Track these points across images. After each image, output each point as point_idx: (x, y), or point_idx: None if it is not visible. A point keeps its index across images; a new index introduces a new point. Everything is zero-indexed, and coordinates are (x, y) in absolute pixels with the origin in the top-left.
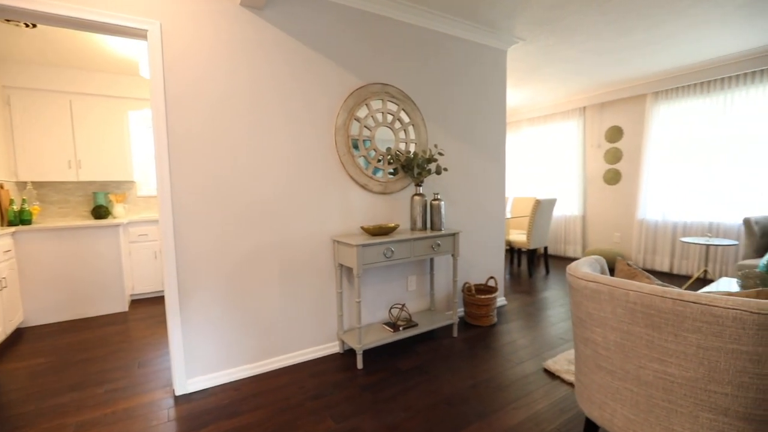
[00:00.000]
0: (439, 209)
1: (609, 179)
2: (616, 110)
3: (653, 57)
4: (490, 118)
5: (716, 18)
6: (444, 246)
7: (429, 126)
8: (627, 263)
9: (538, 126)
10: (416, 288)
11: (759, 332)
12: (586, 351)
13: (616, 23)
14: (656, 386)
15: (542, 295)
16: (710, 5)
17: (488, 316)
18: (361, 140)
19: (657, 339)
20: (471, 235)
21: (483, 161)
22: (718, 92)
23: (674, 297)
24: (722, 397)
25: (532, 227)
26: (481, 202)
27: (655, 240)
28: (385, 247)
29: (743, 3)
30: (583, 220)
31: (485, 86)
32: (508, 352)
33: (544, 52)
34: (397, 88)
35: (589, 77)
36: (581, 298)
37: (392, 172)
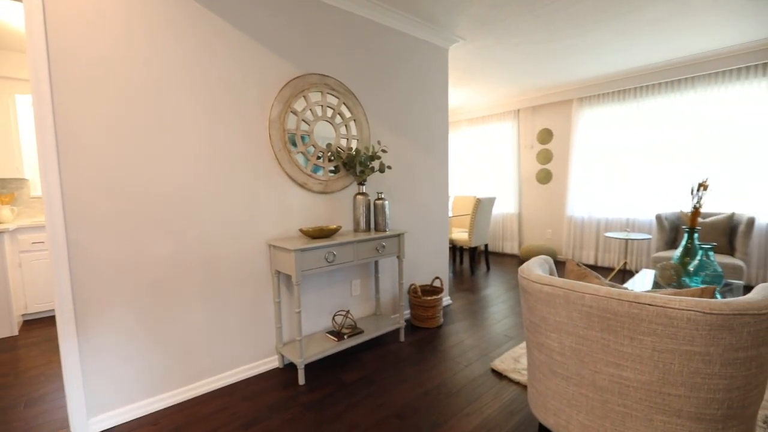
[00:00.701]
0: (383, 209)
1: (541, 179)
2: (547, 114)
3: (580, 64)
4: (433, 116)
5: (629, 31)
6: (389, 248)
7: (372, 122)
8: (577, 263)
9: (477, 126)
10: (361, 292)
11: (711, 332)
12: (540, 357)
13: (549, 29)
14: (612, 391)
15: (485, 293)
16: (625, 20)
17: (435, 317)
18: (298, 135)
19: (613, 343)
20: (416, 236)
21: (426, 160)
22: (631, 100)
23: (630, 299)
24: (676, 399)
25: (474, 225)
26: (425, 202)
27: (582, 235)
28: (327, 251)
29: (652, 19)
30: (519, 218)
31: (428, 84)
32: (456, 354)
33: (483, 53)
34: (337, 80)
35: (523, 81)
36: (535, 302)
37: (333, 170)
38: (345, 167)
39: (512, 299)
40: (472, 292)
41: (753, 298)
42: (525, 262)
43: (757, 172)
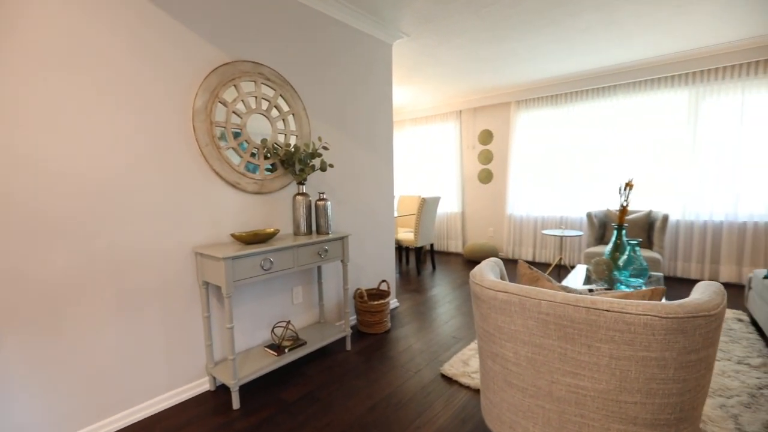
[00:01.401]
0: (326, 210)
1: (483, 178)
2: (487, 115)
3: (519, 68)
4: (378, 113)
5: (563, 39)
6: (332, 252)
7: (312, 117)
8: (529, 266)
9: (421, 126)
10: (303, 300)
11: (666, 336)
12: (495, 367)
13: (492, 31)
14: (569, 401)
15: (432, 293)
16: (560, 27)
17: (382, 322)
18: (229, 129)
19: (570, 351)
20: (361, 238)
21: (371, 158)
22: (563, 104)
23: (587, 305)
24: (632, 407)
25: (419, 225)
26: (369, 202)
27: (521, 233)
28: (263, 258)
29: (583, 29)
30: (462, 217)
31: (372, 80)
32: (405, 360)
33: (428, 52)
34: (273, 70)
35: (465, 82)
36: (489, 310)
37: (270, 169)
38: (283, 165)
39: (459, 298)
40: (419, 293)
41: (703, 300)
42: (476, 266)
43: (669, 174)
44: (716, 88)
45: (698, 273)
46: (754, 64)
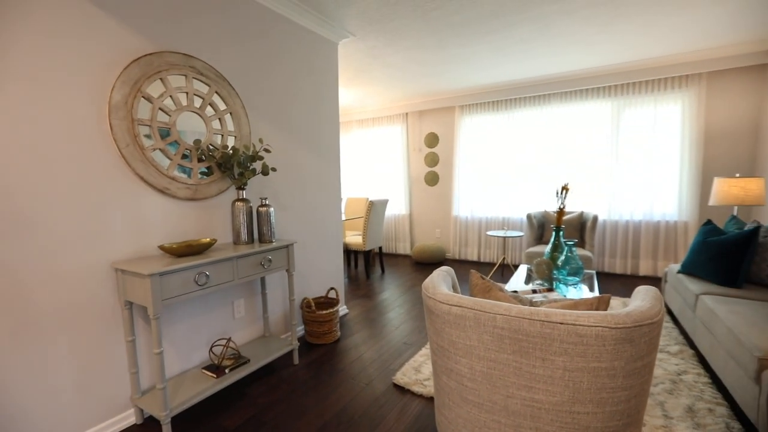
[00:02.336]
0: (269, 217)
1: (429, 181)
2: (433, 118)
3: (463, 74)
4: (324, 114)
5: (503, 47)
6: (276, 261)
7: (252, 117)
8: (480, 276)
9: (368, 128)
10: (245, 314)
11: (616, 346)
12: (450, 383)
13: (437, 36)
14: (524, 415)
15: (382, 297)
16: (499, 36)
17: (332, 331)
18: (155, 128)
19: (525, 365)
20: (307, 244)
21: (317, 161)
22: (503, 110)
23: (542, 319)
24: (584, 417)
25: (367, 228)
26: (316, 207)
27: (467, 234)
28: (197, 272)
29: (520, 39)
30: (410, 219)
31: (318, 80)
32: (356, 371)
33: (374, 53)
34: (207, 64)
35: (411, 85)
36: (443, 324)
37: (205, 172)
38: (220, 169)
39: (409, 302)
40: (369, 298)
41: (646, 307)
42: (428, 277)
43: (597, 178)
44: (634, 100)
45: (622, 268)
46: (665, 80)
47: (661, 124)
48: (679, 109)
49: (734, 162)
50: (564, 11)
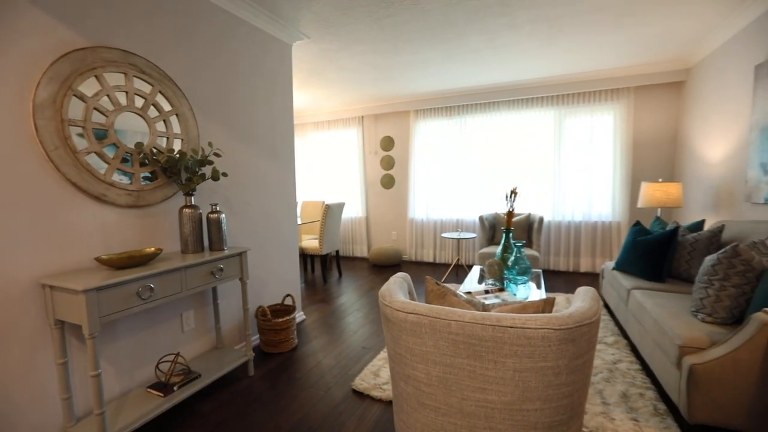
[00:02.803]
0: (220, 224)
1: (385, 183)
2: (388, 122)
3: (417, 79)
4: (278, 117)
5: (455, 55)
6: (229, 269)
7: (201, 119)
8: (435, 282)
9: (323, 131)
10: (195, 326)
11: (560, 346)
12: (407, 389)
13: (392, 42)
14: (478, 415)
15: (339, 301)
16: (452, 45)
17: (288, 339)
18: (89, 129)
19: (479, 368)
20: (262, 251)
21: (271, 165)
22: (456, 116)
23: (493, 323)
24: (533, 413)
25: (324, 232)
26: (270, 211)
27: (423, 236)
28: (141, 285)
29: (471, 48)
30: (366, 221)
31: (271, 81)
32: (314, 379)
33: (329, 56)
34: (150, 62)
35: (366, 89)
36: (400, 332)
37: (149, 177)
38: (165, 173)
39: (367, 306)
40: (327, 303)
41: (585, 308)
42: (385, 285)
43: (542, 181)
44: (574, 110)
45: (566, 265)
46: (599, 92)
47: (596, 133)
48: (611, 119)
49: (658, 168)
50: (510, 25)
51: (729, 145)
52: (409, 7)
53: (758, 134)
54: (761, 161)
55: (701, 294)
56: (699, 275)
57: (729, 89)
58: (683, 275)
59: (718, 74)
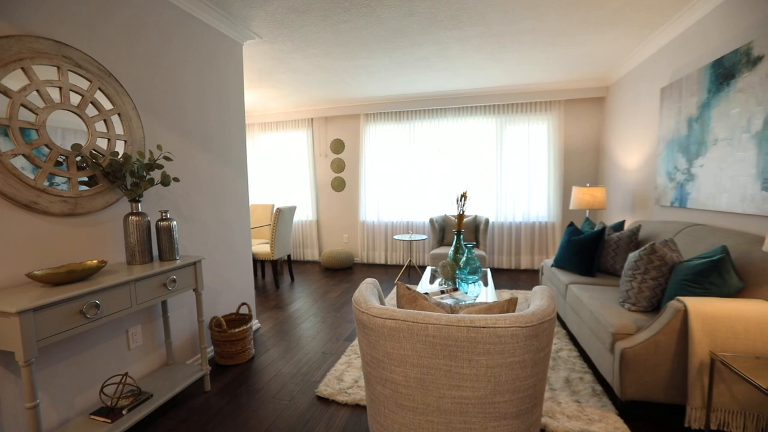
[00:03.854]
0: (171, 232)
1: (336, 186)
2: (338, 125)
3: (368, 84)
4: (229, 118)
5: (407, 63)
6: (183, 280)
7: (146, 119)
8: (406, 286)
9: (271, 133)
10: (144, 342)
11: (526, 342)
12: (385, 392)
13: (344, 46)
14: (454, 412)
15: (294, 307)
16: (404, 52)
17: (245, 350)
18: (15, 128)
19: (454, 367)
20: (214, 259)
21: (222, 168)
22: (405, 121)
23: (468, 325)
24: (503, 405)
25: (276, 237)
26: (222, 217)
27: (374, 238)
28: (84, 302)
29: (422, 57)
30: (317, 225)
31: (222, 81)
32: (275, 388)
33: (280, 57)
34: (88, 55)
35: (317, 91)
36: (377, 337)
37: (87, 182)
38: (108, 178)
39: (323, 310)
40: (281, 309)
41: (544, 306)
42: (357, 291)
43: (487, 185)
44: (513, 119)
45: (508, 263)
46: (535, 104)
47: (533, 140)
48: (545, 128)
49: (585, 174)
50: (459, 38)
51: (642, 155)
52: (366, 14)
53: (664, 147)
54: (667, 170)
55: (626, 286)
56: (624, 270)
57: (641, 106)
58: (610, 270)
59: (632, 93)
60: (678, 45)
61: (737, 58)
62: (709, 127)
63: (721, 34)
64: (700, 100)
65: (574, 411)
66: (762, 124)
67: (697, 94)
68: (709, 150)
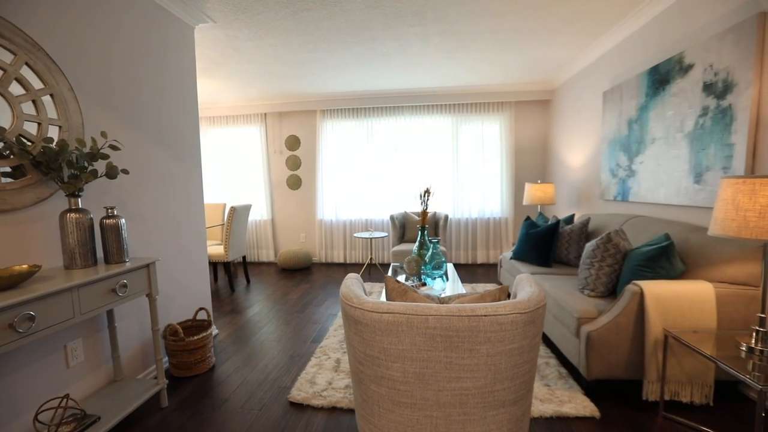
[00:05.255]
0: (119, 231)
1: (292, 184)
2: (293, 121)
3: (326, 79)
4: (181, 108)
5: (367, 58)
6: (134, 285)
7: (86, 104)
8: (395, 280)
9: (222, 127)
10: (86, 357)
11: (525, 328)
12: (380, 390)
13: (305, 36)
14: (453, 404)
15: (253, 311)
16: (365, 47)
17: (206, 359)
18: None
19: (455, 359)
20: (167, 260)
21: (174, 161)
22: (363, 118)
23: (468, 314)
24: (502, 392)
25: (230, 237)
26: (175, 215)
27: (332, 237)
28: (14, 314)
29: (383, 53)
30: (272, 224)
31: (172, 66)
32: (244, 398)
33: (235, 45)
34: (12, 23)
35: (272, 85)
36: (373, 333)
37: (12, 173)
38: (39, 169)
39: (285, 312)
40: (239, 314)
41: (537, 292)
42: (344, 287)
43: (444, 182)
44: (468, 118)
45: (465, 258)
46: (488, 104)
47: (487, 139)
48: (497, 128)
49: (534, 171)
50: (421, 34)
51: (587, 154)
52: (330, 4)
53: (607, 146)
54: (610, 167)
55: (585, 274)
56: (582, 259)
57: (584, 109)
58: (564, 260)
59: (576, 96)
60: (618, 52)
61: (671, 66)
62: (647, 128)
63: (657, 43)
64: (639, 103)
65: (546, 394)
66: (693, 125)
67: (636, 97)
68: (648, 148)
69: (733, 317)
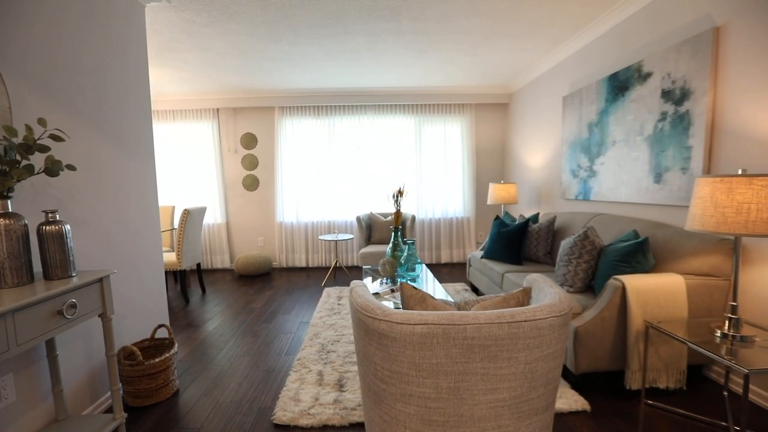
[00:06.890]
0: (63, 239)
1: (248, 185)
2: (249, 117)
3: (286, 73)
4: (131, 95)
5: (334, 53)
6: (85, 304)
7: (15, 86)
8: (413, 287)
9: (168, 122)
10: (19, 396)
11: (560, 331)
12: (407, 410)
13: (271, 25)
14: (488, 418)
15: (213, 324)
16: (334, 41)
17: (169, 383)
18: None
19: (492, 369)
20: (120, 272)
21: (124, 158)
22: (324, 116)
23: (509, 321)
24: (537, 400)
25: (183, 243)
26: (127, 220)
27: (293, 240)
28: None
29: (352, 48)
30: (227, 228)
31: (120, 48)
32: (219, 425)
33: (190, 30)
34: None
35: (228, 77)
36: (403, 347)
37: None
38: None
39: (250, 323)
40: (197, 328)
41: (562, 293)
42: (362, 299)
43: (409, 182)
44: (431, 119)
45: (430, 258)
46: (451, 106)
47: (449, 140)
48: (459, 129)
49: (494, 172)
50: (395, 31)
51: (547, 155)
52: None
53: (567, 147)
54: (571, 168)
55: (563, 270)
56: (560, 256)
57: (544, 112)
58: (533, 257)
59: (535, 100)
60: (577, 59)
61: (631, 74)
62: (608, 131)
63: (617, 51)
64: (599, 107)
65: None
66: (653, 128)
67: (596, 102)
68: (609, 150)
69: (700, 306)
